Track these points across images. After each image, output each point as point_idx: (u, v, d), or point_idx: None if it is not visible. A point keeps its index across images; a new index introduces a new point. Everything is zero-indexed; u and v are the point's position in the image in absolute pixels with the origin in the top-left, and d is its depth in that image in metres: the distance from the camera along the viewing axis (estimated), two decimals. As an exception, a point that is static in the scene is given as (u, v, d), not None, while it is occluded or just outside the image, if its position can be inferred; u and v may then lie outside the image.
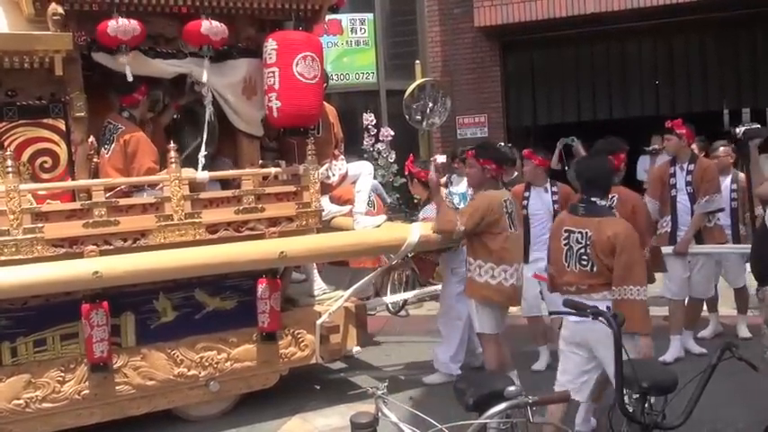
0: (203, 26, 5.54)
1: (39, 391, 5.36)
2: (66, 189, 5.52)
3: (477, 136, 12.70)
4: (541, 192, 6.99)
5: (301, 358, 6.29)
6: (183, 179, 5.62)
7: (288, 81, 5.81)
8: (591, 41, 12.78)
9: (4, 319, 5.29)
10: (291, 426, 5.97)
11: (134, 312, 5.66)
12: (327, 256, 6.50)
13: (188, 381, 5.82)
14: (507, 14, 11.67)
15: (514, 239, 5.80)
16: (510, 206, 5.79)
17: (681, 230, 6.95)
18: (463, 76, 13.12)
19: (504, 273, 5.71)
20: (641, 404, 3.49)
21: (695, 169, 6.88)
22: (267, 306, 5.87)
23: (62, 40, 5.20)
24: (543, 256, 6.63)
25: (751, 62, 12.22)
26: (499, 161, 5.86)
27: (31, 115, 5.46)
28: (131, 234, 5.52)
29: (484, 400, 3.18)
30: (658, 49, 12.71)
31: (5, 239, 5.09)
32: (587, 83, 13.01)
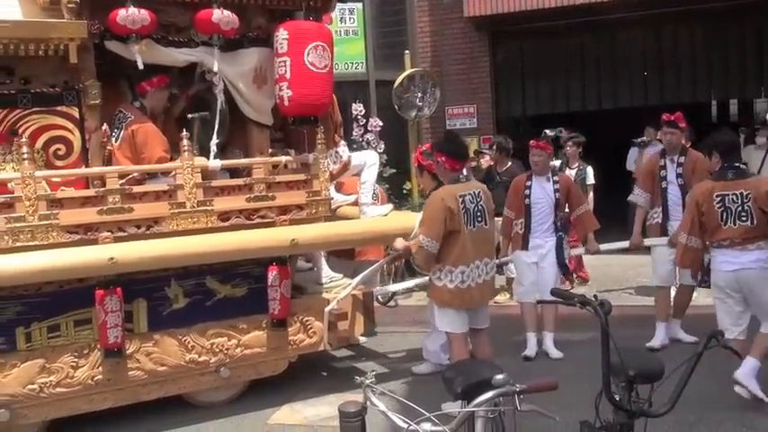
0: (214, 15, 5.70)
1: (52, 376, 5.53)
2: (80, 176, 5.68)
3: (466, 126, 12.90)
4: (543, 181, 7.20)
5: (310, 345, 6.45)
6: (195, 167, 5.79)
7: (299, 70, 5.97)
8: (580, 32, 12.86)
9: (19, 305, 5.44)
10: (281, 415, 6.07)
11: (146, 299, 5.83)
12: (338, 243, 6.67)
13: (199, 367, 6.00)
14: (497, 5, 11.71)
15: (475, 237, 5.65)
16: (471, 201, 5.63)
17: (671, 221, 7.11)
18: (452, 67, 13.21)
19: (461, 275, 5.63)
20: (628, 392, 3.51)
21: (686, 161, 7.10)
22: (278, 293, 6.07)
23: (77, 27, 5.36)
24: (543, 242, 7.15)
25: (739, 53, 12.37)
26: (454, 154, 5.75)
27: (45, 103, 5.60)
28: (145, 221, 5.69)
29: (472, 389, 3.24)
30: (647, 39, 12.84)
31: (21, 225, 5.28)
32: (576, 74, 13.12)
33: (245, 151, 6.48)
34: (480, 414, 3.02)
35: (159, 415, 5.94)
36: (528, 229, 7.17)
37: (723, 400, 5.61)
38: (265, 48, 6.21)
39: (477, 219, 5.62)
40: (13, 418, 5.43)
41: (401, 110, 10.97)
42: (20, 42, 5.28)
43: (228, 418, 6.00)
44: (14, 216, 5.29)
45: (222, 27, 5.77)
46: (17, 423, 5.48)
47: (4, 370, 5.40)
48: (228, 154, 6.45)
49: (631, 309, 8.56)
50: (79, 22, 5.39)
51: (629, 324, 7.38)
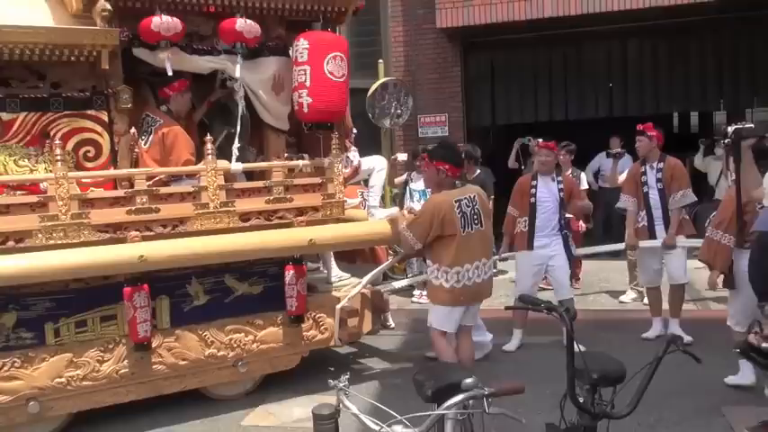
0: (238, 24, 5.99)
1: (79, 369, 5.71)
2: (109, 177, 5.91)
3: (437, 135, 13.12)
4: (548, 181, 7.48)
5: (321, 340, 6.70)
6: (218, 170, 6.05)
7: (319, 79, 6.22)
8: (548, 45, 13.10)
9: (47, 302, 5.63)
10: (255, 417, 6.17)
11: (169, 296, 6.05)
12: (351, 243, 6.92)
13: (217, 361, 6.22)
14: (469, 16, 11.95)
15: (471, 239, 5.82)
16: (467, 205, 5.83)
17: (656, 223, 7.55)
18: (425, 76, 13.47)
19: (466, 273, 5.82)
20: (591, 395, 3.56)
21: (664, 168, 7.50)
22: (294, 291, 6.32)
23: (110, 35, 5.59)
24: (548, 242, 7.42)
25: (699, 68, 12.70)
26: (455, 162, 5.96)
27: (75, 107, 5.83)
28: (171, 221, 5.93)
29: (442, 392, 3.26)
30: (612, 53, 13.11)
31: (55, 224, 5.49)
32: (544, 84, 13.33)
33: (260, 153, 6.73)
34: (450, 416, 3.06)
35: (131, 418, 6.04)
36: (533, 228, 7.42)
37: (683, 401, 5.85)
38: (283, 56, 6.49)
39: (473, 221, 5.82)
40: (42, 411, 5.60)
41: (375, 118, 11.20)
42: (54, 48, 5.47)
43: (202, 420, 6.09)
44: (48, 215, 5.49)
45: (245, 36, 6.04)
46: (45, 415, 5.66)
47: (34, 364, 5.57)
48: (243, 151, 6.59)
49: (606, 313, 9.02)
50: (112, 29, 5.62)
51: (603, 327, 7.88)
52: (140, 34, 5.82)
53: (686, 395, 5.89)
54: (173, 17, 5.79)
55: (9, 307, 5.54)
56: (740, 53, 12.52)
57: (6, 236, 5.41)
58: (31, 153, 5.75)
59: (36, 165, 5.75)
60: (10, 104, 5.67)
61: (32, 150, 5.75)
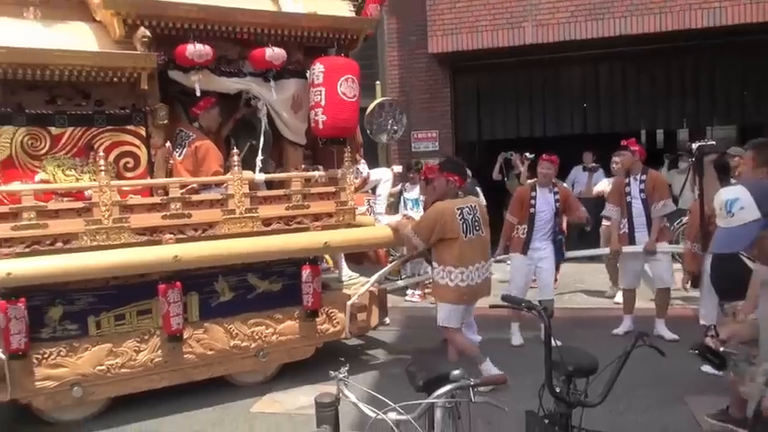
0: (267, 53, 6.32)
1: (118, 358, 5.98)
2: (146, 186, 6.17)
3: (429, 149, 13.44)
4: (546, 192, 7.63)
5: (334, 333, 6.96)
6: (244, 179, 6.32)
7: (333, 99, 6.48)
8: (529, 68, 13.31)
9: (90, 297, 5.89)
10: (262, 404, 6.29)
11: (198, 292, 6.31)
12: (361, 246, 7.17)
13: (241, 351, 6.47)
14: (457, 43, 12.37)
15: (473, 243, 6.16)
16: (469, 213, 6.17)
17: (637, 231, 7.72)
18: (418, 96, 13.71)
19: (469, 274, 6.16)
20: (567, 385, 3.63)
21: (647, 180, 7.69)
22: (311, 288, 6.62)
23: (149, 58, 5.91)
24: (543, 245, 7.61)
25: (664, 89, 13.00)
26: (461, 174, 6.39)
27: (116, 122, 6.11)
28: (201, 225, 6.20)
29: (432, 382, 3.28)
30: (586, 75, 13.37)
31: (98, 227, 5.77)
32: (525, 104, 13.55)
33: (278, 165, 6.98)
34: (439, 405, 3.11)
35: (154, 404, 6.17)
36: (530, 235, 7.57)
37: (649, 390, 5.99)
38: (302, 79, 6.75)
39: (474, 227, 6.17)
40: (85, 395, 5.86)
41: (373, 134, 11.47)
42: (99, 70, 5.78)
43: (214, 408, 6.21)
44: (92, 219, 5.76)
45: (274, 62, 6.39)
46: (87, 399, 5.91)
47: (78, 353, 5.83)
48: (264, 165, 6.86)
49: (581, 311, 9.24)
50: (152, 53, 5.92)
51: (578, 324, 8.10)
52: (175, 59, 6.11)
53: (653, 385, 6.03)
54: (204, 44, 6.09)
55: (56, 302, 5.78)
56: (700, 77, 12.83)
57: (55, 237, 5.67)
58: (76, 164, 6.00)
59: (81, 174, 6.01)
60: (59, 120, 5.94)
61: (78, 161, 6.00)
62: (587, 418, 3.61)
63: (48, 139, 5.92)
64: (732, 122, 14.71)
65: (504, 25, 12.15)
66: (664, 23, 11.51)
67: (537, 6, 12.00)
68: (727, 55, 12.53)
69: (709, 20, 11.32)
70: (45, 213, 5.66)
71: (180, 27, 6.11)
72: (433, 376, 3.33)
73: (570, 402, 3.53)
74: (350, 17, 7.00)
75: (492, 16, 12.20)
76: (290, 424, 5.81)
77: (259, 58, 6.37)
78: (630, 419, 5.46)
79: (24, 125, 5.82)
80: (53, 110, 5.92)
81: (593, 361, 3.73)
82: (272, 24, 6.45)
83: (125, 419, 6.02)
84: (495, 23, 12.18)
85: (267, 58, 6.34)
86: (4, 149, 5.77)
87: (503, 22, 12.14)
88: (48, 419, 5.93)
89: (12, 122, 5.78)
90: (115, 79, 5.91)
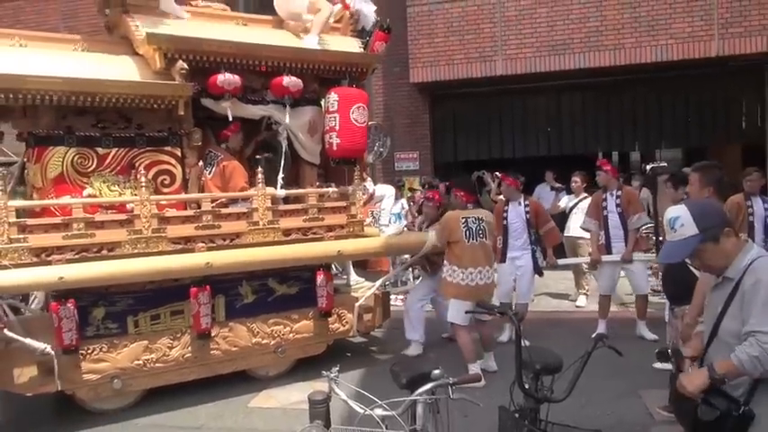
0: (285, 80, 6.41)
1: (153, 354, 6.05)
2: (181, 200, 6.23)
3: (410, 169, 13.51)
4: (516, 205, 7.67)
5: (343, 332, 7.04)
6: (266, 195, 6.38)
7: (346, 124, 6.62)
8: (499, 96, 13.40)
9: (129, 299, 5.96)
10: (259, 400, 6.25)
11: (224, 295, 6.37)
12: (368, 254, 7.29)
13: (261, 348, 6.53)
14: (436, 74, 12.47)
15: (475, 248, 6.32)
16: (473, 222, 6.35)
17: (613, 242, 7.67)
18: (400, 121, 13.79)
19: (470, 275, 6.29)
20: (535, 382, 3.68)
21: (622, 195, 7.68)
22: (324, 291, 6.69)
23: (186, 88, 6.00)
24: (518, 254, 7.59)
25: (618, 116, 13.13)
26: (469, 191, 6.58)
27: (155, 144, 6.19)
28: (229, 235, 6.25)
29: (415, 381, 3.27)
30: (550, 103, 13.43)
31: (139, 237, 5.82)
32: (496, 128, 13.65)
33: (295, 182, 7.02)
34: (421, 401, 3.11)
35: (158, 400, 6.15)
36: (505, 244, 7.61)
37: (609, 385, 6.01)
38: (317, 106, 6.83)
39: (478, 235, 6.34)
40: (123, 387, 5.94)
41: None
42: (141, 98, 5.85)
43: (215, 403, 6.17)
44: (134, 229, 5.83)
45: (291, 89, 6.45)
46: (125, 390, 5.99)
47: (118, 349, 5.93)
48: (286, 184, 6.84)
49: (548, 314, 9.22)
50: (187, 84, 5.98)
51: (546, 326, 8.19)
52: (208, 87, 6.18)
53: (611, 381, 6.06)
54: (234, 74, 6.17)
55: (99, 303, 5.89)
56: (650, 105, 13.03)
57: (101, 246, 5.74)
58: (120, 180, 6.07)
59: (123, 190, 6.07)
60: (105, 141, 6.03)
61: (121, 178, 6.07)
62: (553, 412, 3.65)
63: (95, 158, 6.01)
64: (678, 145, 14.96)
65: (477, 59, 12.27)
66: (617, 58, 11.72)
67: (506, 42, 12.15)
68: (673, 86, 12.74)
69: (656, 56, 11.56)
70: (92, 224, 5.73)
71: (213, 60, 6.20)
72: (415, 375, 3.36)
73: (538, 398, 3.58)
74: (360, 53, 7.09)
75: (466, 50, 12.30)
76: (284, 418, 5.80)
77: (278, 85, 6.45)
78: (590, 412, 5.48)
79: (74, 146, 5.92)
80: (99, 132, 6.02)
81: (559, 360, 3.78)
82: (294, 59, 6.56)
83: (135, 414, 6.04)
84: (469, 57, 12.30)
85: (284, 84, 6.42)
86: (56, 167, 5.85)
87: (476, 56, 12.26)
88: (89, 409, 5.98)
89: (64, 143, 5.88)
90: (155, 106, 5.98)
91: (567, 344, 6.63)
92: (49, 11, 14.57)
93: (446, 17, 12.41)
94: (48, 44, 6.08)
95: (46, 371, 5.57)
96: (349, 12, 7.24)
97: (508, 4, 12.18)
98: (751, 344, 2.64)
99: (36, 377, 5.61)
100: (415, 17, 12.47)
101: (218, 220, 6.22)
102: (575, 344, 6.22)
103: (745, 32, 11.27)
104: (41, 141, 5.83)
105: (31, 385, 5.60)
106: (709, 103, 12.79)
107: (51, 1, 14.56)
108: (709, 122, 12.93)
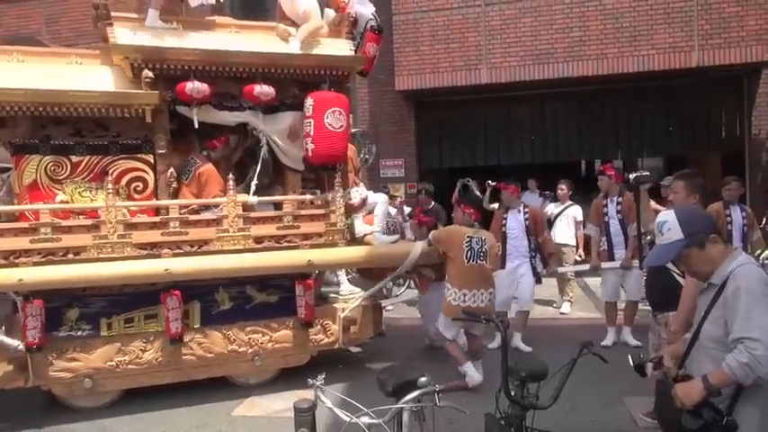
0: (256, 89, 6.30)
1: (126, 356, 6.09)
2: (149, 206, 6.21)
3: (396, 176, 13.41)
4: (516, 213, 7.54)
5: (327, 343, 6.74)
6: (237, 202, 6.27)
7: (320, 129, 6.37)
8: (484, 104, 13.28)
9: (103, 302, 6.03)
10: (243, 408, 6.16)
11: (200, 301, 6.31)
12: (345, 264, 6.97)
13: (238, 356, 6.41)
14: (421, 81, 12.38)
15: (473, 271, 6.17)
16: (477, 243, 6.19)
17: (615, 249, 7.50)
18: (386, 128, 13.63)
19: (463, 296, 6.18)
20: (521, 389, 3.64)
21: (623, 201, 7.44)
22: (303, 301, 6.49)
23: (151, 96, 6.02)
24: (518, 263, 7.47)
25: (601, 125, 13.14)
26: (478, 208, 6.48)
27: (129, 151, 6.22)
28: (197, 242, 6.19)
29: (401, 388, 3.26)
30: (534, 112, 13.39)
31: (104, 242, 5.87)
32: (481, 135, 13.55)
33: (283, 189, 6.92)
34: (407, 409, 3.09)
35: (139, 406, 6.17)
36: (505, 252, 7.45)
37: (594, 392, 5.98)
38: (298, 111, 6.60)
39: (479, 257, 6.21)
40: (95, 386, 6.04)
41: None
42: (117, 107, 5.96)
43: (198, 411, 6.10)
44: (100, 234, 5.89)
45: (261, 98, 6.33)
46: (98, 390, 6.09)
47: (91, 349, 6.01)
48: (272, 191, 6.85)
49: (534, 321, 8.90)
50: (152, 92, 6.00)
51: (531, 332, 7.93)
52: (178, 95, 6.15)
53: (596, 388, 6.03)
54: (202, 82, 6.12)
55: (73, 304, 6.01)
56: (632, 114, 13.03)
57: (67, 250, 5.84)
58: (92, 187, 6.10)
59: (95, 196, 6.08)
60: (78, 149, 6.12)
61: (93, 185, 6.11)
62: (538, 418, 3.64)
63: (68, 165, 6.10)
64: (659, 154, 15.06)
65: (462, 67, 12.22)
66: (600, 68, 11.71)
67: (491, 51, 12.11)
68: (654, 96, 12.75)
69: (638, 65, 11.57)
70: (59, 229, 5.84)
71: (182, 68, 6.16)
72: (401, 382, 3.35)
73: (524, 405, 3.56)
74: (339, 56, 6.81)
75: (451, 59, 12.26)
76: (269, 426, 5.72)
77: (249, 93, 6.34)
78: (575, 419, 5.48)
79: (49, 154, 6.04)
80: (73, 141, 6.12)
81: (544, 367, 3.77)
82: (266, 64, 6.39)
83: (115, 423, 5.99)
84: (454, 66, 12.25)
85: (255, 93, 6.31)
86: (31, 174, 5.99)
87: (461, 64, 12.22)
88: (68, 405, 6.12)
89: (38, 152, 6.03)
90: (126, 114, 6.03)
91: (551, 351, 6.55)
92: (31, 15, 14.35)
93: (431, 26, 12.37)
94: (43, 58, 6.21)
95: (20, 366, 5.79)
96: (347, 15, 7.00)
97: (492, 14, 12.16)
98: (740, 351, 2.64)
99: (9, 372, 5.81)
100: (401, 25, 12.43)
101: (185, 227, 6.19)
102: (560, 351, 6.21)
103: (724, 44, 11.32)
104: (19, 150, 6.00)
105: (4, 379, 5.82)
106: (690, 113, 12.82)
107: (34, 5, 14.35)
108: (689, 132, 12.96)
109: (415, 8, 12.34)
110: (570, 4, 11.81)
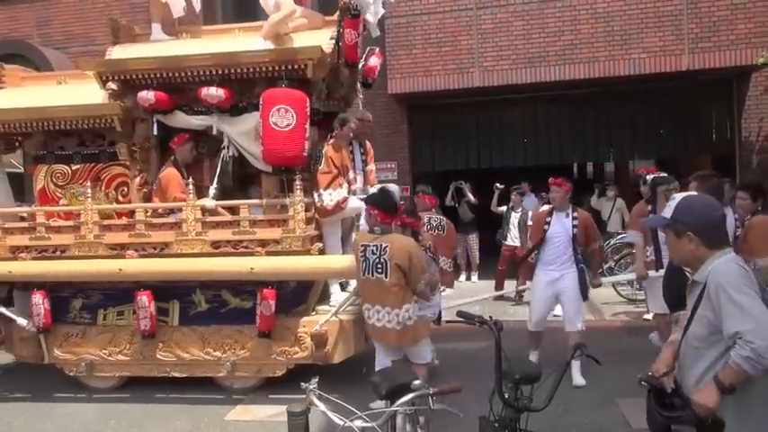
0: (202, 92, 6.21)
1: (117, 347, 6.69)
2: (122, 209, 6.66)
3: (389, 178, 13.09)
4: (562, 217, 6.62)
5: (301, 357, 6.33)
6: (195, 206, 6.31)
7: (267, 129, 5.97)
8: (477, 107, 13.31)
9: (100, 295, 6.73)
10: (236, 413, 6.10)
11: (179, 300, 6.55)
12: (293, 275, 6.27)
13: (214, 359, 6.46)
14: (413, 85, 12.34)
15: (370, 284, 5.21)
16: (373, 253, 5.10)
17: (664, 256, 6.57)
18: (379, 131, 12.78)
19: (367, 311, 5.34)
20: (514, 392, 3.56)
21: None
22: (259, 311, 6.20)
23: (113, 107, 6.45)
24: (560, 274, 6.58)
25: (593, 128, 13.11)
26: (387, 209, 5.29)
27: (115, 158, 6.80)
28: (159, 244, 6.43)
29: (394, 391, 3.21)
30: (526, 115, 13.32)
31: (83, 242, 6.47)
32: (474, 138, 13.47)
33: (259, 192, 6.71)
34: (401, 412, 3.07)
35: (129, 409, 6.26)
36: (543, 260, 6.69)
37: (587, 394, 6.03)
38: None
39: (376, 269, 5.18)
40: (89, 370, 6.74)
41: None
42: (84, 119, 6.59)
43: (190, 415, 6.07)
44: (80, 234, 6.55)
45: (209, 101, 6.22)
46: (94, 374, 6.81)
47: (89, 337, 6.76)
48: (251, 190, 6.81)
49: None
50: (113, 103, 6.46)
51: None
52: (137, 104, 6.43)
53: (589, 390, 6.03)
54: (156, 91, 6.33)
55: (78, 295, 6.80)
56: (623, 117, 13.03)
57: (56, 247, 6.66)
58: (87, 192, 6.61)
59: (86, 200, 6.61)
60: (76, 158, 6.94)
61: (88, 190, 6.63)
62: (532, 420, 3.60)
63: (69, 173, 6.97)
64: (651, 156, 15.01)
65: (454, 70, 12.24)
66: (592, 71, 11.72)
67: (483, 55, 12.15)
68: (645, 98, 12.75)
69: (629, 69, 11.58)
70: (51, 229, 6.71)
71: (144, 78, 6.41)
72: (394, 386, 3.31)
73: (518, 407, 3.52)
74: (291, 48, 6.40)
75: (444, 62, 12.28)
76: (262, 431, 5.70)
77: (199, 96, 6.24)
78: (569, 421, 5.45)
79: (53, 163, 6.99)
80: (72, 151, 6.95)
81: (538, 370, 3.75)
82: (217, 65, 6.21)
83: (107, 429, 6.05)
84: (446, 69, 12.27)
85: (202, 96, 6.21)
86: (41, 181, 7.01)
87: (453, 67, 12.24)
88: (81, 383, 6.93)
89: (45, 161, 7.01)
90: (98, 125, 6.63)
91: (546, 353, 6.83)
92: (21, 18, 14.43)
93: (424, 29, 12.40)
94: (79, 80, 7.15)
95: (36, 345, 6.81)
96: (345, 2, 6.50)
97: (485, 17, 12.19)
98: (740, 345, 2.64)
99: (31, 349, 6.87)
100: (393, 29, 12.46)
101: (149, 230, 6.45)
102: (554, 353, 6.42)
103: (714, 47, 11.33)
104: (33, 160, 7.07)
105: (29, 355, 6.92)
106: (681, 116, 12.81)
107: (24, 8, 14.41)
108: (680, 134, 12.96)
109: (407, 11, 12.37)
110: (562, 7, 11.84)
